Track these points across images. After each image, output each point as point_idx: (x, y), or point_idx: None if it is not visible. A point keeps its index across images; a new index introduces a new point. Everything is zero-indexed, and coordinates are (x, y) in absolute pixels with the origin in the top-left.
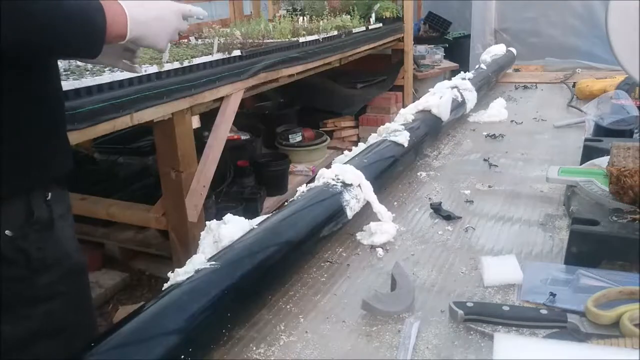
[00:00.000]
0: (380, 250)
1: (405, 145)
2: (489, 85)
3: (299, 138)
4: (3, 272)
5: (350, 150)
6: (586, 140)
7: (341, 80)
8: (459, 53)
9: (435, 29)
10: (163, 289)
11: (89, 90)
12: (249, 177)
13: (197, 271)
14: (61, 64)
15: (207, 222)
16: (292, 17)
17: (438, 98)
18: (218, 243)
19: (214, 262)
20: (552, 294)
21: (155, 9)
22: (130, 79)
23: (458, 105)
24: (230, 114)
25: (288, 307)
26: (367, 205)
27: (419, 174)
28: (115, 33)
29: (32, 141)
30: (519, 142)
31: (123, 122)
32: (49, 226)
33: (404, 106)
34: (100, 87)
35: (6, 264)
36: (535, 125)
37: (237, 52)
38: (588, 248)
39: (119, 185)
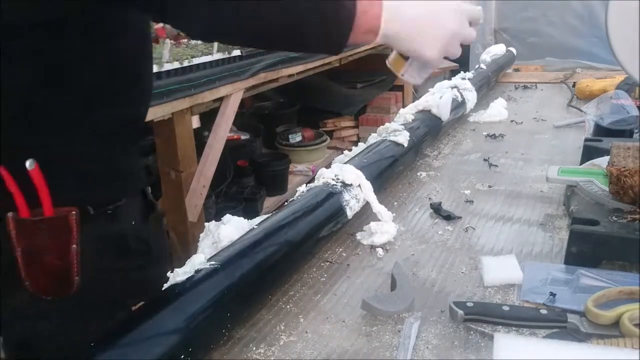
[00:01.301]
0: (380, 250)
1: (405, 145)
2: (489, 85)
3: (298, 138)
4: (124, 263)
5: (350, 150)
6: (586, 140)
7: (341, 80)
8: None
9: None
10: (163, 289)
11: None
12: (249, 177)
13: (196, 271)
14: None
15: (205, 224)
16: None
17: (438, 98)
18: (217, 244)
19: (213, 262)
20: (552, 294)
21: (425, 4)
22: None
23: (458, 105)
24: (230, 114)
25: (288, 307)
26: (367, 205)
27: (418, 173)
28: (365, 27)
29: (134, 148)
30: (519, 142)
31: None
32: (162, 218)
33: (403, 106)
34: None
35: (130, 254)
36: (535, 125)
37: (237, 52)
38: (588, 248)
39: None
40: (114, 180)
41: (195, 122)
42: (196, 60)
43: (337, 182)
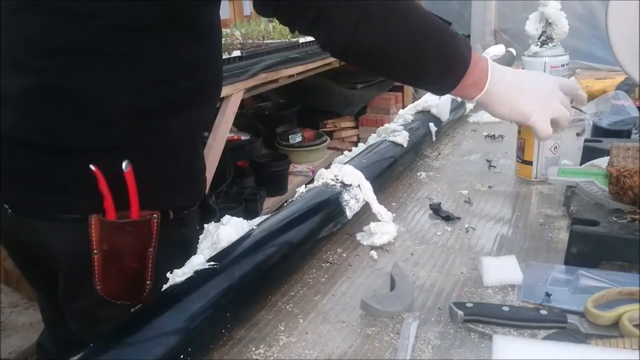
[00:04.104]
0: (380, 251)
1: (405, 145)
2: None
3: (298, 138)
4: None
5: (350, 150)
6: (586, 140)
7: (341, 80)
8: None
9: None
10: (162, 290)
11: None
12: (249, 178)
13: (196, 272)
14: None
15: (205, 225)
16: None
17: (437, 98)
18: (216, 244)
19: (213, 263)
20: (548, 294)
21: (522, 71)
22: None
23: (458, 106)
24: (230, 114)
25: (288, 307)
26: (367, 206)
27: (418, 174)
28: (472, 80)
29: (201, 152)
30: None
31: None
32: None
33: (403, 106)
34: None
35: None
36: None
37: (237, 53)
38: (588, 248)
39: None
40: (193, 183)
41: None
42: None
43: (336, 182)
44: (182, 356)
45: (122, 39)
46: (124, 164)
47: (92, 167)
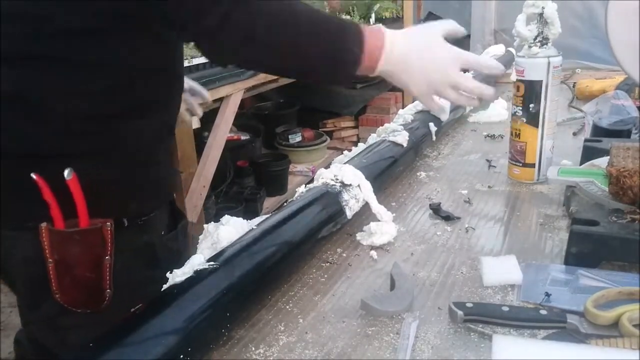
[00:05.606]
0: (380, 251)
1: (405, 145)
2: (489, 85)
3: (298, 138)
4: (154, 274)
5: (350, 150)
6: (586, 140)
7: None
8: None
9: None
10: (162, 290)
11: None
12: (249, 178)
13: (196, 272)
14: None
15: (205, 226)
16: None
17: (437, 98)
18: (216, 244)
19: (212, 263)
20: (547, 294)
21: (425, 45)
22: None
23: (457, 105)
24: (230, 114)
25: (287, 307)
26: (367, 206)
27: (418, 174)
28: (366, 65)
29: (169, 157)
30: None
31: None
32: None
33: (403, 106)
34: None
35: (160, 265)
36: None
37: None
38: (588, 248)
39: None
40: (151, 190)
41: (195, 122)
42: (196, 61)
43: (336, 182)
44: (181, 356)
45: (74, 43)
46: (65, 172)
47: (33, 175)
